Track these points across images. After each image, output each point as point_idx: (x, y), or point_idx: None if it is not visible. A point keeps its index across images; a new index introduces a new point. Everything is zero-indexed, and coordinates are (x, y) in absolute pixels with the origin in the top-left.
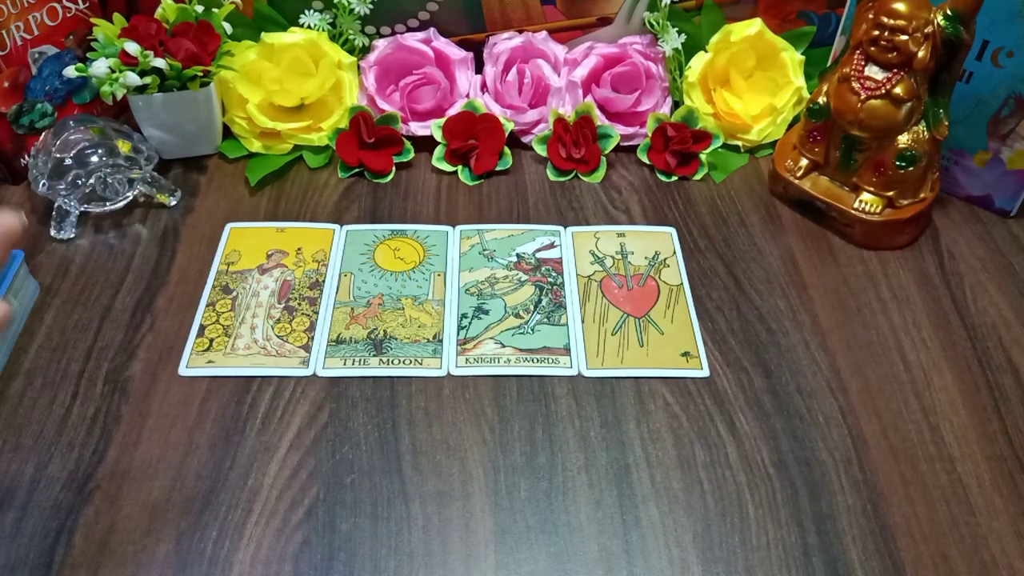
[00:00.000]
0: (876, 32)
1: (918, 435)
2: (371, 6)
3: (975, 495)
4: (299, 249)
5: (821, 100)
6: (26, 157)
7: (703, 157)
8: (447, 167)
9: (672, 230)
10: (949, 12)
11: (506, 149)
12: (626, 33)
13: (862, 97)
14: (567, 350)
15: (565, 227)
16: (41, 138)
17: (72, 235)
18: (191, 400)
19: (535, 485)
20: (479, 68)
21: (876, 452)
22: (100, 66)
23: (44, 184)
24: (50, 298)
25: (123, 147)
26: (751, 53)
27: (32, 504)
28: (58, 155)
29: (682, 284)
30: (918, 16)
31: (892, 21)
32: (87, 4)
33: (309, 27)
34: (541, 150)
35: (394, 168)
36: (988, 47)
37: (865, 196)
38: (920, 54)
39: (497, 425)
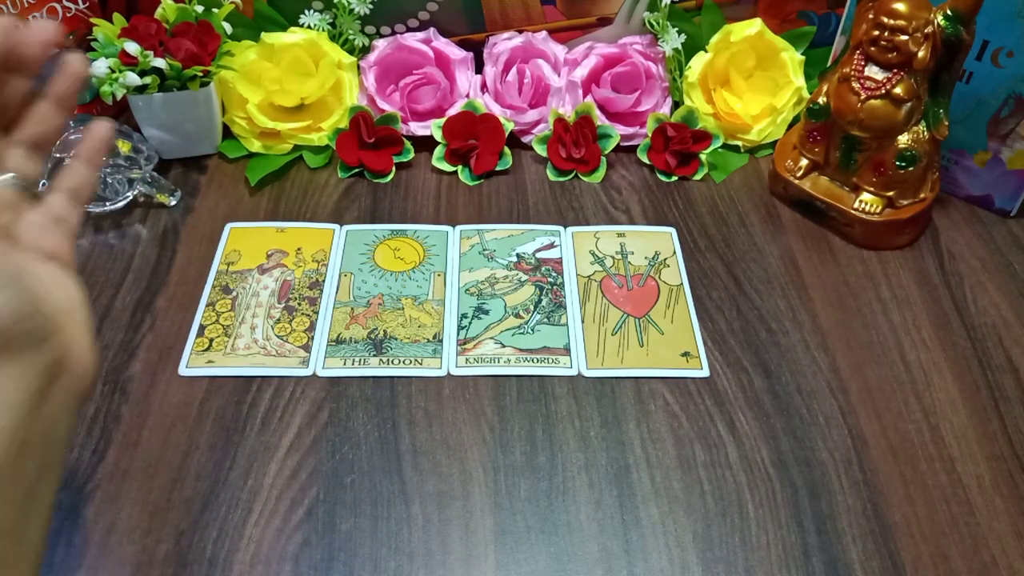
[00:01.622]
0: (876, 32)
1: (918, 435)
2: (371, 6)
3: (975, 495)
4: (299, 249)
5: (821, 100)
6: None
7: (703, 157)
8: (447, 167)
9: (672, 230)
10: (949, 12)
11: (506, 149)
12: (626, 33)
13: (862, 97)
14: (567, 350)
15: (565, 227)
16: None
17: None
18: (191, 400)
19: (535, 485)
20: (479, 68)
21: (876, 452)
22: (100, 66)
23: (44, 184)
24: None
25: (123, 147)
26: (751, 53)
27: None
28: (58, 155)
29: (682, 284)
30: (918, 16)
31: (892, 21)
32: (87, 4)
33: (309, 27)
34: (541, 150)
35: (394, 168)
36: (988, 47)
37: (865, 196)
38: (920, 54)
39: (497, 425)
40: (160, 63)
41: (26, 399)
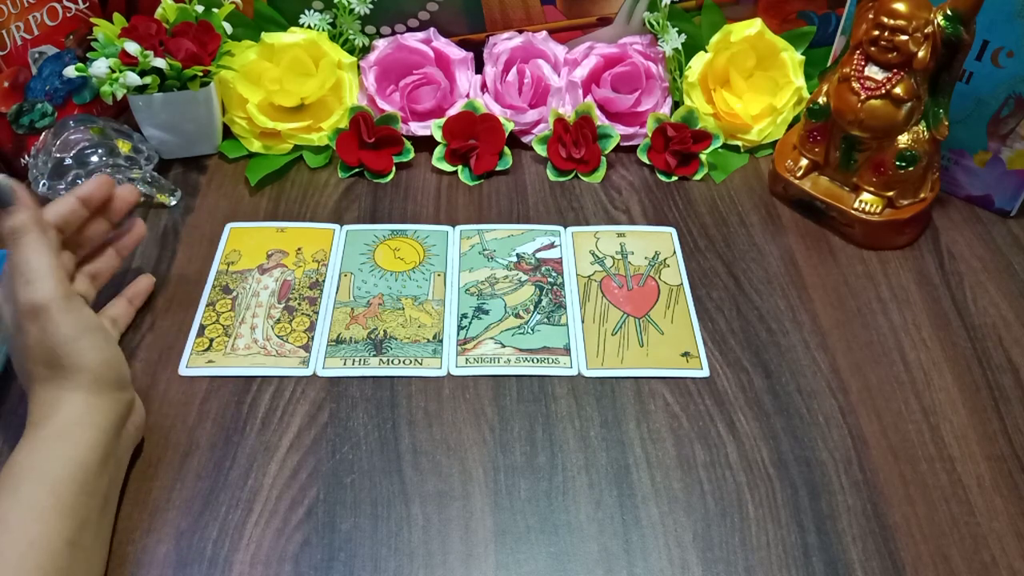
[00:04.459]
0: (876, 32)
1: (918, 435)
2: (371, 6)
3: (975, 495)
4: (299, 249)
5: (821, 100)
6: (26, 157)
7: (703, 157)
8: (447, 167)
9: (672, 230)
10: (949, 12)
11: (506, 149)
12: (626, 33)
13: (862, 97)
14: (567, 350)
15: (565, 227)
16: (41, 138)
17: None
18: (191, 400)
19: (535, 485)
20: (479, 68)
21: (876, 452)
22: (100, 66)
23: (44, 184)
24: None
25: (123, 147)
26: (751, 53)
27: None
28: (58, 155)
29: (682, 284)
30: (918, 16)
31: (892, 21)
32: (87, 4)
33: (309, 27)
34: (541, 150)
35: (394, 168)
36: (988, 47)
37: (865, 196)
38: (920, 54)
39: (497, 425)
40: (160, 63)
41: (112, 421)
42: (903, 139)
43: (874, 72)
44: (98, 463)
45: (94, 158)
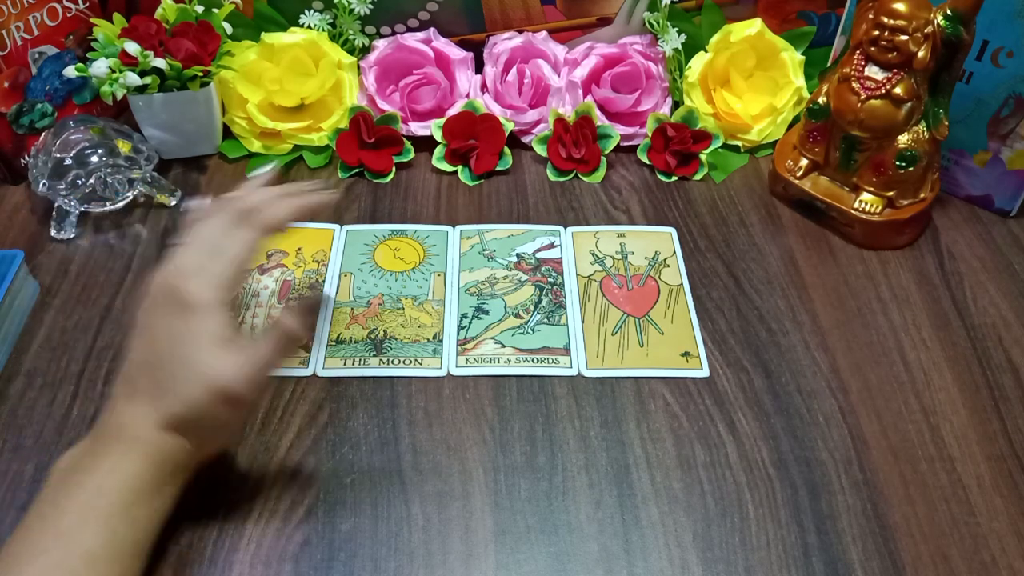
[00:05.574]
0: (876, 32)
1: (918, 435)
2: (371, 6)
3: (975, 495)
4: (299, 249)
5: (821, 100)
6: (26, 157)
7: (703, 157)
8: (447, 167)
9: (672, 230)
10: (949, 12)
11: (506, 149)
12: (626, 33)
13: (862, 97)
14: (567, 350)
15: (565, 227)
16: (41, 138)
17: (72, 235)
18: None
19: (535, 485)
20: (479, 68)
21: (876, 452)
22: (100, 66)
23: (44, 184)
24: (50, 298)
25: (123, 147)
26: (751, 53)
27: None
28: (58, 155)
29: (682, 284)
30: (918, 16)
31: (892, 21)
32: (87, 4)
33: (309, 27)
34: (541, 150)
35: (394, 168)
36: (988, 47)
37: (865, 196)
38: (920, 54)
39: (497, 425)
40: (160, 63)
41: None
42: (903, 139)
43: (874, 72)
44: (172, 503)
45: (94, 158)
